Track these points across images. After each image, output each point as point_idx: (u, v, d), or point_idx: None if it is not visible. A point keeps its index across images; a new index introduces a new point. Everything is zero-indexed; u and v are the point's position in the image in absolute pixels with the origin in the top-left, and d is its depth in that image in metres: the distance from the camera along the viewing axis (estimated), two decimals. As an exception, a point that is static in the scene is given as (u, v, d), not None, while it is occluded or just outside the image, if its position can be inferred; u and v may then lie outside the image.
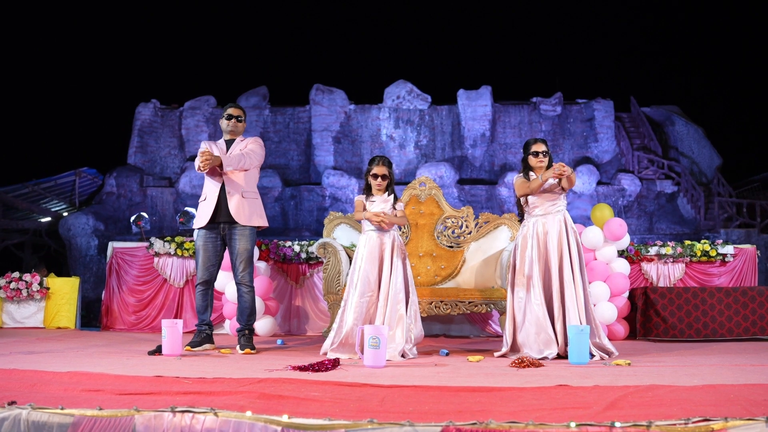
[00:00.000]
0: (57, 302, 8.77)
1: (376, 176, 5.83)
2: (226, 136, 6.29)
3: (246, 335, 6.04)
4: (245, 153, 6.09)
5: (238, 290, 6.14)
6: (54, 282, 8.87)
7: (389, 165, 5.92)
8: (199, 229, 6.15)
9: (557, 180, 5.66)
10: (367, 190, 5.92)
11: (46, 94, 25.33)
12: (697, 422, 2.40)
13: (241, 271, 6.07)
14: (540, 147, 5.76)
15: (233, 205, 5.99)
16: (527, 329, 5.45)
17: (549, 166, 5.79)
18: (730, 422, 2.39)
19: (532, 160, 5.77)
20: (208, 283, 6.17)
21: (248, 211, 6.06)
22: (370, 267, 5.68)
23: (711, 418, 2.43)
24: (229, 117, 6.23)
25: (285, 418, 2.52)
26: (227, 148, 6.18)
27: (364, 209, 5.83)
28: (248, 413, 2.58)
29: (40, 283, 8.72)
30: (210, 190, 6.08)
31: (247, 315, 6.13)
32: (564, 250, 5.55)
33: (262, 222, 6.20)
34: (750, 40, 27.27)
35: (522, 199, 5.82)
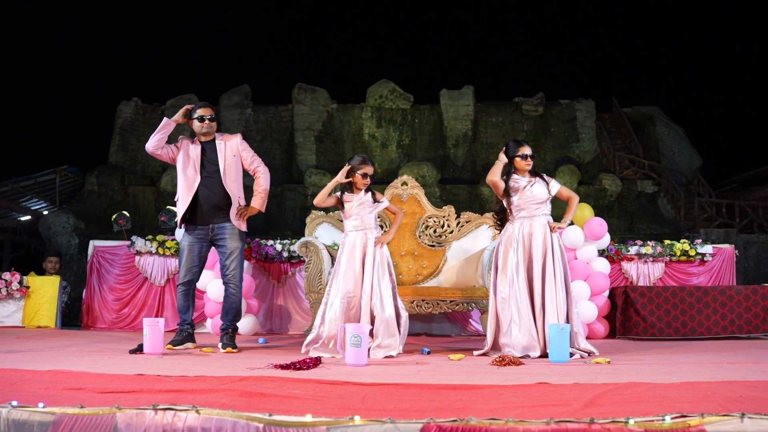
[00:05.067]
0: (37, 301, 8.70)
1: (365, 175, 5.83)
2: (202, 138, 6.11)
3: (229, 334, 6.01)
4: (264, 183, 6.24)
5: (226, 289, 6.10)
6: (34, 281, 8.81)
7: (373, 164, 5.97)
8: (186, 229, 6.12)
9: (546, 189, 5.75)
10: (345, 189, 5.91)
11: (27, 91, 25.13)
12: (674, 418, 2.43)
13: (232, 269, 6.04)
14: (528, 150, 5.79)
15: (234, 208, 6.00)
16: (511, 329, 5.47)
17: (533, 169, 5.83)
18: (706, 418, 2.42)
19: (520, 163, 5.77)
20: (191, 283, 6.14)
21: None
22: (352, 267, 5.70)
23: (688, 414, 2.46)
24: (202, 119, 6.04)
25: (267, 416, 2.53)
26: (203, 153, 6.05)
27: (341, 207, 5.90)
28: (230, 411, 2.58)
29: (20, 282, 8.66)
30: (202, 191, 6.02)
31: (232, 314, 6.10)
32: (548, 253, 5.59)
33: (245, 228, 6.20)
34: (731, 41, 27.49)
35: (505, 201, 5.83)
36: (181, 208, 6.02)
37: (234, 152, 6.08)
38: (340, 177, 5.85)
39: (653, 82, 29.21)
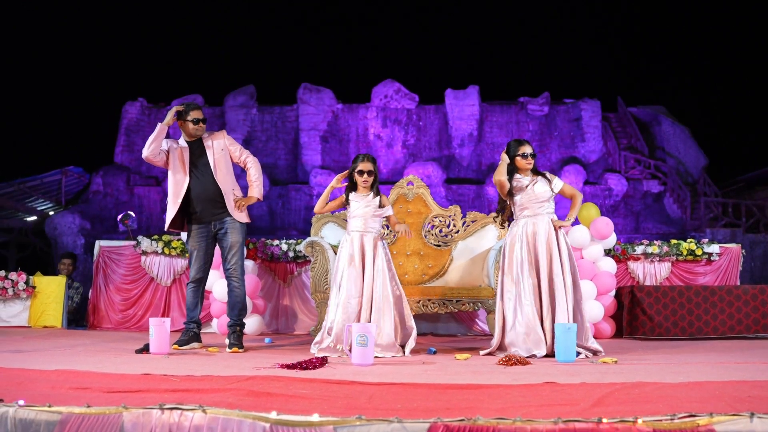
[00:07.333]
0: (43, 301, 8.70)
1: (362, 172, 5.78)
2: (188, 138, 6.11)
3: (237, 333, 5.99)
4: (255, 172, 6.17)
5: (229, 284, 6.10)
6: (40, 281, 8.82)
7: (374, 161, 5.89)
8: (188, 232, 6.13)
9: (549, 187, 5.72)
10: (351, 188, 5.89)
11: (33, 92, 25.21)
12: (683, 418, 2.42)
13: (233, 263, 6.04)
14: (529, 149, 5.77)
15: (229, 201, 6.01)
16: (517, 329, 5.45)
17: (535, 167, 5.82)
18: (715, 417, 2.40)
19: (521, 162, 5.75)
20: (201, 280, 6.15)
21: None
22: (352, 268, 5.67)
23: (697, 414, 2.45)
24: (197, 121, 6.04)
25: (273, 415, 2.52)
26: (192, 152, 6.06)
27: (347, 204, 5.88)
28: (237, 410, 2.58)
29: (26, 282, 8.66)
30: (194, 189, 6.04)
31: (238, 309, 6.07)
32: (553, 250, 5.57)
33: (248, 218, 6.20)
34: (736, 41, 27.44)
35: (509, 201, 5.82)
36: (171, 211, 6.03)
37: (222, 146, 6.11)
38: (335, 182, 5.85)
39: (659, 81, 29.18)
